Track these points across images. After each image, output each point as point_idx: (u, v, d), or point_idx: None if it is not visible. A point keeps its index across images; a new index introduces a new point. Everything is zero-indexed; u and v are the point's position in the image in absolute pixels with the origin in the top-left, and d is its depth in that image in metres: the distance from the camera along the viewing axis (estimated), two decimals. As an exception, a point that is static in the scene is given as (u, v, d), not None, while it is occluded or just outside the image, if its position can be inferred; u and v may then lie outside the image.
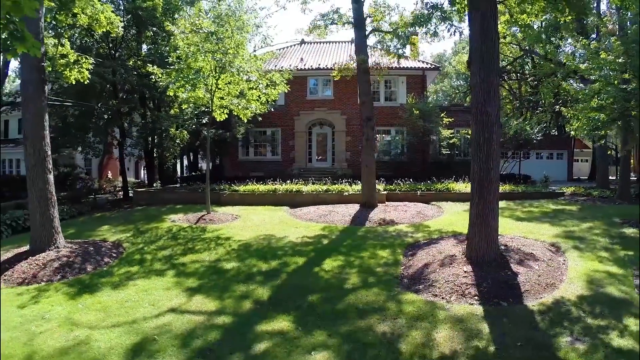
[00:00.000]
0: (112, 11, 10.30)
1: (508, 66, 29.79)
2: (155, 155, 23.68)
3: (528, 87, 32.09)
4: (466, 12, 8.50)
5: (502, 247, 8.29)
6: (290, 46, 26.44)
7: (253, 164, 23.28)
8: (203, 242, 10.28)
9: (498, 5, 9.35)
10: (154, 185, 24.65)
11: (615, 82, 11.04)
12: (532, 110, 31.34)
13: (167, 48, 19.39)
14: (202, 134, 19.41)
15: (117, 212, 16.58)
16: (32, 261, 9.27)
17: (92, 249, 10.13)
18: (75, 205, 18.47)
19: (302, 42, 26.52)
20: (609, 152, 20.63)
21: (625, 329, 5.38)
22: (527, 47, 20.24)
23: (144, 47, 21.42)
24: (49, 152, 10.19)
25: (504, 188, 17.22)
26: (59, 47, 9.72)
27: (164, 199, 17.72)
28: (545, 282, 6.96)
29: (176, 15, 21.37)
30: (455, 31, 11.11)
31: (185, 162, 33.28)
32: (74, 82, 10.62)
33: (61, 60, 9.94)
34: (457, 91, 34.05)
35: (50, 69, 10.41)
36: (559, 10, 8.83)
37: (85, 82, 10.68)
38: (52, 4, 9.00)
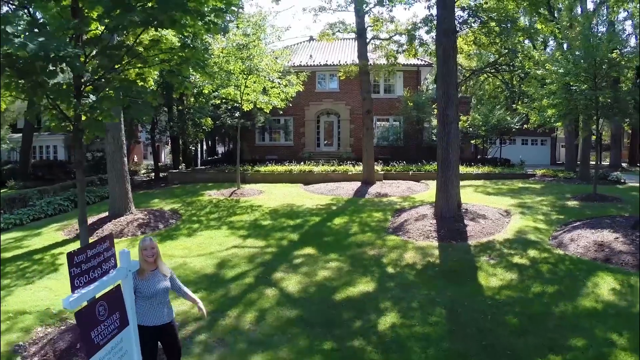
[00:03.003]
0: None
1: (499, 59, 32.48)
2: (180, 141, 26.87)
3: (518, 78, 34.85)
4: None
5: (463, 210, 11.46)
6: (300, 42, 29.33)
7: (268, 148, 26.46)
8: (241, 209, 13.52)
9: (468, 29, 12.37)
10: (179, 167, 27.89)
11: (572, 82, 13.97)
12: (521, 100, 34.19)
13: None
14: (226, 122, 22.51)
15: (157, 190, 19.78)
16: (116, 222, 12.55)
17: (157, 214, 13.40)
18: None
19: (311, 38, 29.38)
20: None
21: (525, 254, 8.54)
22: (509, 47, 23.01)
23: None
24: (124, 140, 13.39)
25: (483, 169, 20.35)
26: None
27: (195, 178, 20.94)
28: (486, 231, 10.14)
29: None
30: (430, 52, 14.06)
31: (205, 147, 36.40)
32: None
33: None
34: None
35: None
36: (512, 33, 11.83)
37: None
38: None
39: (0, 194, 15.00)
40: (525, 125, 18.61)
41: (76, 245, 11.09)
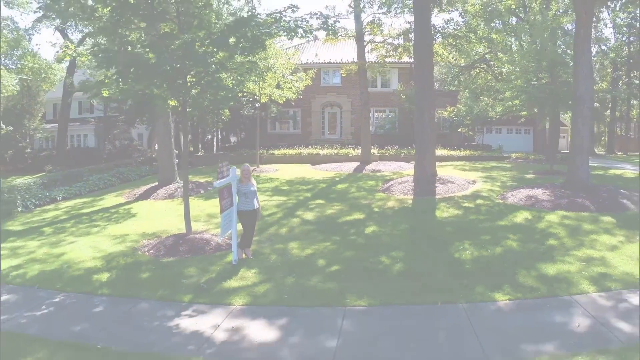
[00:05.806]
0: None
1: (486, 55, 35.76)
2: (199, 130, 30.37)
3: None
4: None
5: (437, 178, 14.84)
6: (307, 42, 32.63)
7: (278, 136, 29.90)
8: (262, 180, 16.98)
9: (448, 37, 15.74)
10: (199, 153, 31.40)
11: (534, 78, 17.27)
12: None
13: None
14: (245, 113, 25.98)
15: (186, 170, 23.25)
16: (166, 188, 16.02)
17: (197, 183, 16.86)
18: (148, 166, 25.26)
19: (316, 38, 32.66)
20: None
21: (474, 202, 11.92)
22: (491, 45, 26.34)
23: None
24: (172, 125, 16.84)
25: (464, 153, 23.74)
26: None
27: (216, 161, 24.38)
28: (451, 191, 13.54)
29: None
30: (413, 57, 17.41)
31: (219, 137, 39.89)
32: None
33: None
34: (446, 76, 40.27)
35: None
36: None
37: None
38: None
39: (1, 182, 17.90)
40: (489, 115, 21.98)
41: (140, 204, 14.70)
